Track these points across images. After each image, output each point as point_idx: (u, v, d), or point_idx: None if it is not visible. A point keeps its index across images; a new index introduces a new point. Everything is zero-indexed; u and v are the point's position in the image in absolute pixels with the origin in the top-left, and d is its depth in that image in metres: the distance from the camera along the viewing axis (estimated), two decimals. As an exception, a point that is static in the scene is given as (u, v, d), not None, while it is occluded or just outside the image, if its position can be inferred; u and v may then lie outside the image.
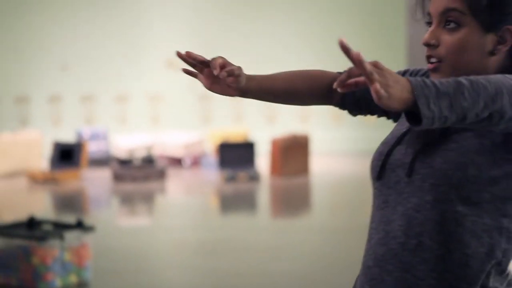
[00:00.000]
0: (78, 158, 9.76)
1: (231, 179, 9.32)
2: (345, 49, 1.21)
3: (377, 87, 1.21)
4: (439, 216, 1.45)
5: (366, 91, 1.71)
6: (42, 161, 10.32)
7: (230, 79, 1.58)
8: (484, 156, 1.45)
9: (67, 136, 11.78)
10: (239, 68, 1.58)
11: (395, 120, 1.74)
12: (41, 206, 8.07)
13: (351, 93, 1.71)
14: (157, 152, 10.86)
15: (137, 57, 12.36)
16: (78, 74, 12.28)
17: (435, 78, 1.52)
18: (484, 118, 1.33)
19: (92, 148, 10.77)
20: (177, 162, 10.77)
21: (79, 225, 5.02)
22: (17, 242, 4.88)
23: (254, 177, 9.40)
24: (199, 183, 9.39)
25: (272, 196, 8.59)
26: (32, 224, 5.06)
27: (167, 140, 10.83)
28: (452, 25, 1.50)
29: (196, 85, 12.47)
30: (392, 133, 1.63)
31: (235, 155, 10.05)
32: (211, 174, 10.00)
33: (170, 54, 12.42)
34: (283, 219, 7.25)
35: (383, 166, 1.55)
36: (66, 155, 9.82)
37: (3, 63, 12.17)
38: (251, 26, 12.46)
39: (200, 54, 1.70)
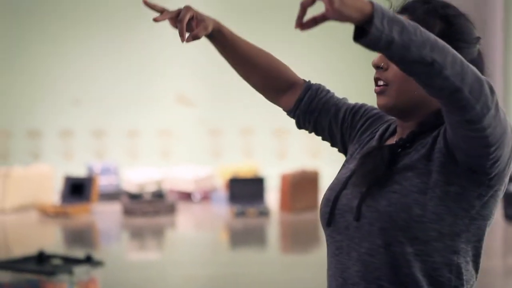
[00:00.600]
0: (89, 192, 9.80)
1: (240, 214, 9.33)
2: None
3: None
4: (393, 258, 1.45)
5: (324, 104, 1.72)
6: (53, 195, 10.36)
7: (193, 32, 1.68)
8: (426, 195, 1.45)
9: (78, 170, 11.83)
10: (204, 20, 1.66)
11: (339, 149, 1.75)
12: (51, 240, 8.09)
13: (308, 101, 1.73)
14: (167, 186, 10.90)
15: (148, 93, 12.45)
16: (89, 109, 12.37)
17: (380, 102, 1.55)
18: (426, 62, 1.31)
19: (103, 182, 10.82)
20: (187, 196, 10.80)
21: (88, 260, 5.04)
22: (26, 276, 4.90)
23: (264, 212, 9.41)
24: (209, 218, 9.40)
25: (281, 231, 8.59)
26: (41, 258, 5.09)
27: (177, 174, 10.87)
28: None
29: (207, 120, 12.54)
30: (337, 178, 1.64)
31: (245, 190, 10.07)
32: (221, 209, 10.01)
33: (180, 89, 12.51)
34: (292, 255, 7.25)
35: (331, 212, 1.55)
36: (77, 189, 9.87)
37: (15, 97, 12.29)
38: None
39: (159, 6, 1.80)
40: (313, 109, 1.73)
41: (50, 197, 10.29)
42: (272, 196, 10.79)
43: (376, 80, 1.56)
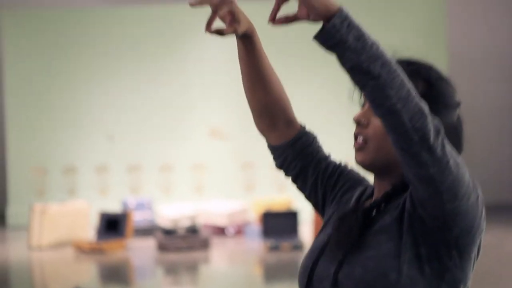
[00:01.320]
0: (124, 228, 9.89)
1: (274, 248, 9.35)
2: None
3: None
4: None
5: (317, 155, 1.71)
6: (89, 231, 10.47)
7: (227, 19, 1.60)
8: (400, 258, 1.45)
9: (114, 206, 11.95)
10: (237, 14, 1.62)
11: (317, 204, 1.73)
12: (87, 276, 8.18)
13: (302, 146, 1.71)
14: (201, 221, 10.95)
15: (181, 127, 12.58)
16: (124, 145, 12.52)
17: (357, 158, 1.57)
18: (372, 75, 1.34)
19: (138, 218, 10.91)
20: (220, 231, 10.84)
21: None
22: (64, 315, 4.98)
23: (298, 247, 9.42)
24: (242, 252, 9.43)
25: (315, 266, 8.58)
26: (78, 297, 5.16)
27: (211, 209, 10.93)
28: None
29: (239, 154, 12.61)
30: (313, 245, 1.64)
31: (279, 224, 10.08)
32: (255, 243, 10.03)
33: (213, 124, 12.61)
34: (326, 290, 7.24)
35: (309, 279, 1.54)
36: (112, 225, 9.96)
37: (51, 135, 12.48)
38: (293, 95, 12.60)
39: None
40: (305, 156, 1.71)
41: (86, 233, 10.40)
42: (306, 230, 10.79)
43: (356, 135, 1.57)
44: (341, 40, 1.34)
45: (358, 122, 1.57)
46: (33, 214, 10.14)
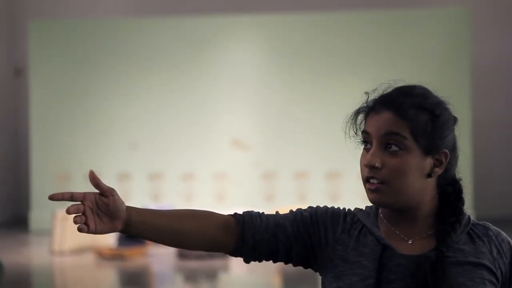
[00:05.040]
0: (145, 235, 9.95)
1: (293, 257, 9.35)
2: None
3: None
4: None
5: (267, 229, 1.64)
6: (110, 237, 10.55)
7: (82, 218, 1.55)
8: None
9: (135, 213, 12.03)
10: (110, 191, 1.55)
11: (305, 259, 1.69)
12: (107, 283, 8.25)
13: (250, 235, 1.64)
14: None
15: (203, 136, 12.65)
16: (146, 153, 12.61)
17: (375, 199, 1.54)
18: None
19: (158, 225, 10.96)
20: (241, 239, 10.86)
21: (143, 303, 5.15)
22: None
23: (317, 256, 9.41)
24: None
25: (334, 276, 8.59)
26: (98, 301, 5.22)
27: (232, 218, 10.95)
28: (394, 148, 1.51)
29: (261, 164, 12.65)
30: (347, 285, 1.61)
31: (298, 233, 10.09)
32: (274, 252, 10.03)
33: (235, 133, 12.67)
34: (344, 299, 7.25)
35: None
36: (133, 232, 10.02)
37: (74, 142, 12.60)
38: (314, 107, 12.64)
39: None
40: (260, 240, 1.65)
41: (107, 239, 10.48)
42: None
43: (368, 178, 1.54)
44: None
45: (372, 166, 1.53)
46: (56, 220, 10.24)
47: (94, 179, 1.55)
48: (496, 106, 13.10)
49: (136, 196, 12.44)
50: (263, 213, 1.70)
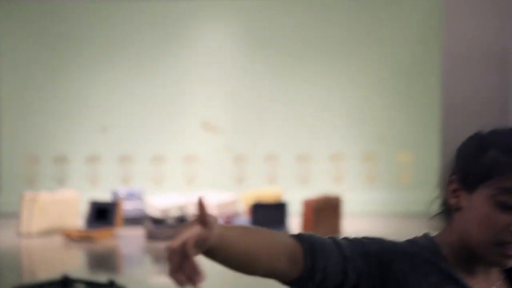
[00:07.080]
0: (113, 217, 9.92)
1: (263, 239, 9.39)
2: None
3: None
4: None
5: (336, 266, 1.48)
6: (78, 219, 10.50)
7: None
8: None
9: (104, 196, 11.99)
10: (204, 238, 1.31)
11: None
12: (75, 264, 8.21)
13: (321, 268, 1.48)
14: (190, 211, 10.99)
15: (173, 119, 12.60)
16: (116, 136, 12.54)
17: (509, 264, 1.45)
18: None
19: (127, 207, 10.94)
20: (210, 222, 10.87)
21: (111, 285, 5.14)
22: (50, 299, 5.01)
23: (286, 238, 9.46)
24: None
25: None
26: (65, 283, 5.19)
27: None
28: None
29: (231, 147, 12.64)
30: None
31: (268, 215, 10.13)
32: (244, 234, 10.07)
33: (205, 116, 12.64)
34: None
35: None
36: (102, 214, 10.00)
37: (43, 124, 12.49)
38: (286, 90, 12.65)
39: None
40: (331, 272, 1.48)
41: (76, 221, 10.43)
42: (295, 222, 10.83)
43: (507, 242, 1.42)
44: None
45: None
46: (24, 202, 10.17)
47: (202, 209, 1.32)
48: (466, 89, 13.20)
49: (106, 178, 12.38)
50: (334, 238, 1.53)
